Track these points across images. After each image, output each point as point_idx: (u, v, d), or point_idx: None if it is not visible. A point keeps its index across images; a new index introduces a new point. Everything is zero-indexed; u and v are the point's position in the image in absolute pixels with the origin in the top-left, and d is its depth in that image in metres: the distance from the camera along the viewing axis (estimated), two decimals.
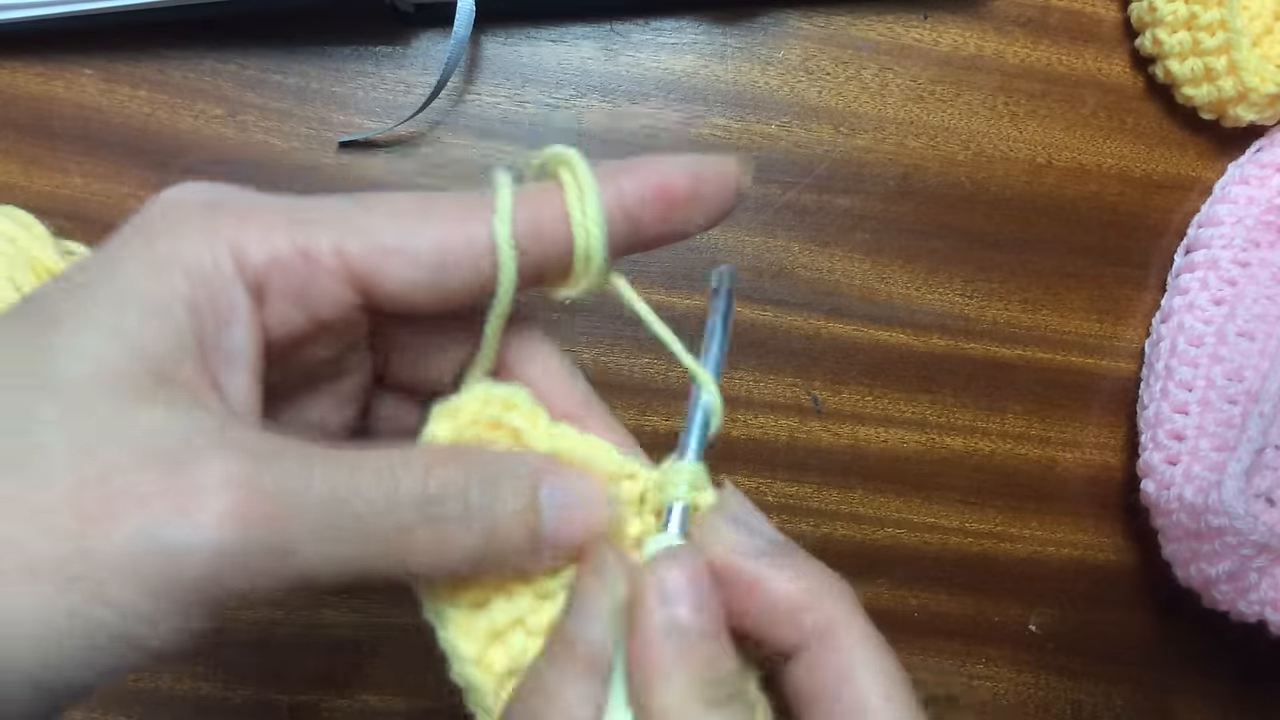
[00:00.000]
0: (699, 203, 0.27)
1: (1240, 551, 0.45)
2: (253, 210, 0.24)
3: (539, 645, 0.26)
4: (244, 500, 0.21)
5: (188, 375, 0.23)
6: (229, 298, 0.23)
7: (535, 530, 0.25)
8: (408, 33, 0.47)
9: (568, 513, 0.26)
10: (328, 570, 0.22)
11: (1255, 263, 0.49)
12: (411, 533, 0.23)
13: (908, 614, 0.51)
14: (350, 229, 0.24)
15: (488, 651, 0.26)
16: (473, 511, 0.24)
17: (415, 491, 0.24)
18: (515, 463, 0.26)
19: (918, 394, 0.51)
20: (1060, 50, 0.51)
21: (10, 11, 0.43)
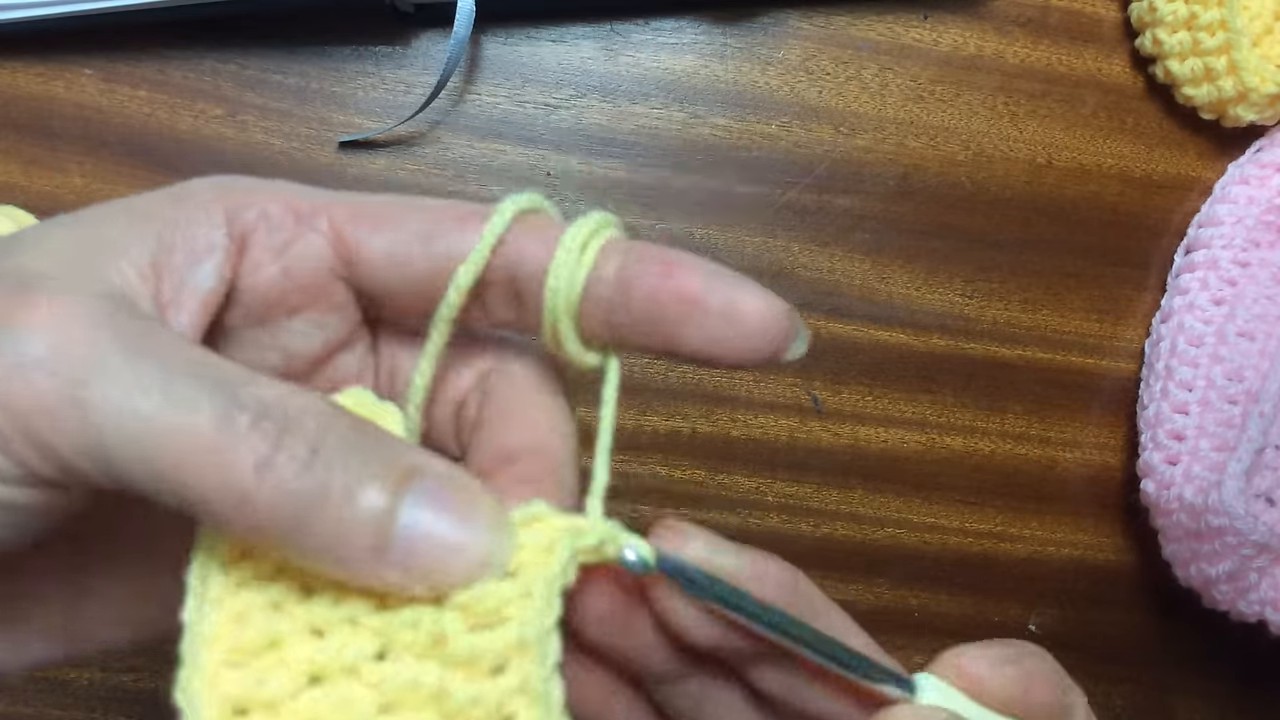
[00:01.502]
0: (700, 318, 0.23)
1: (1240, 551, 0.45)
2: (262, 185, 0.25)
3: (285, 684, 0.20)
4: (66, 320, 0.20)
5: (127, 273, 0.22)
6: (208, 240, 0.23)
7: (386, 530, 0.20)
8: (408, 33, 0.47)
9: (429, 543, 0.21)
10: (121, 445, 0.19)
11: (1255, 263, 0.49)
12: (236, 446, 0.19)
13: (908, 614, 0.51)
14: (348, 200, 0.24)
15: (223, 671, 0.20)
16: (321, 462, 0.20)
17: (261, 398, 0.20)
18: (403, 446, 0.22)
19: (918, 394, 0.51)
20: (1060, 50, 0.51)
21: (10, 11, 0.43)
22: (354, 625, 0.21)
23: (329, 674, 0.21)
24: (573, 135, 0.48)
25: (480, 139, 0.48)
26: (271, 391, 0.20)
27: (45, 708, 0.45)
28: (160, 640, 0.21)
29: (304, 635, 0.21)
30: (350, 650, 0.21)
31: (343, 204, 0.24)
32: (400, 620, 0.21)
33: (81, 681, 0.46)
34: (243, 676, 0.20)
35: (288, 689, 0.21)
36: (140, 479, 0.20)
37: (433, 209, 0.24)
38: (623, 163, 0.48)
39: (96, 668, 0.46)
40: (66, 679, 0.45)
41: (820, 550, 0.50)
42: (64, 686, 0.45)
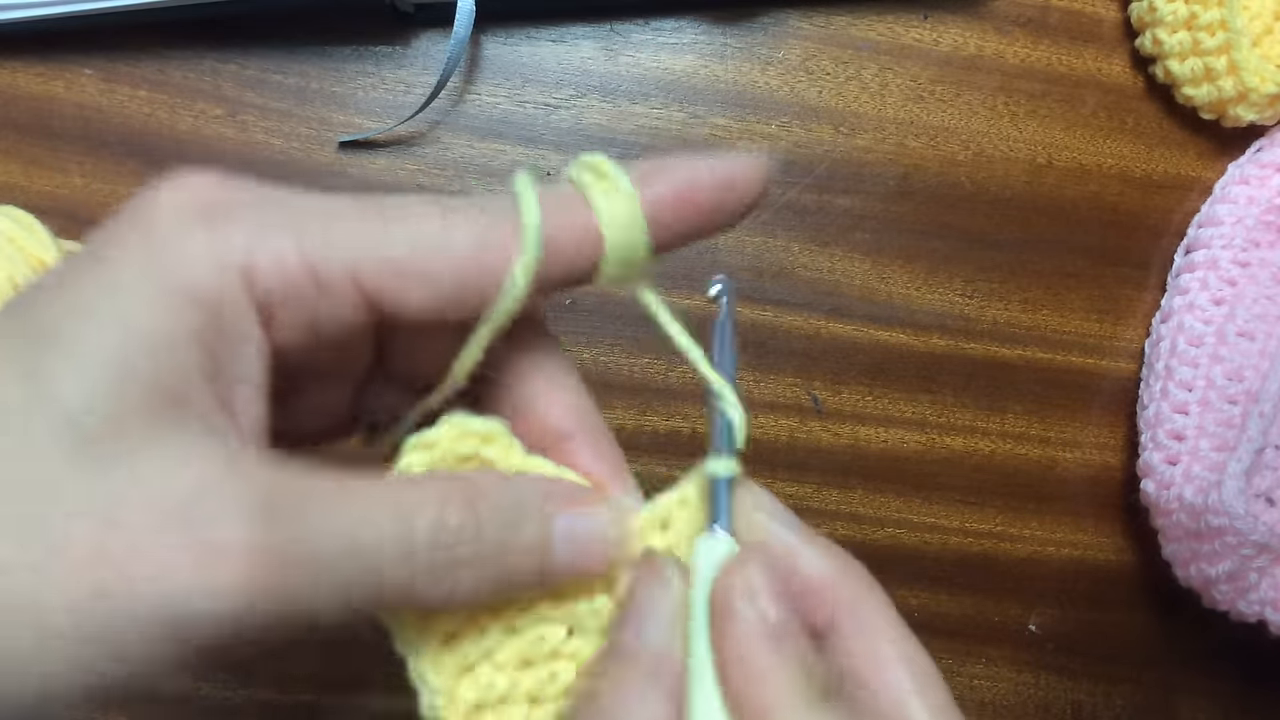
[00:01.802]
0: (724, 206, 0.26)
1: (1240, 551, 0.45)
2: (259, 218, 0.23)
3: (506, 681, 0.26)
4: (261, 563, 0.21)
5: (197, 405, 0.22)
6: (240, 325, 0.23)
7: (546, 566, 0.25)
8: (408, 33, 0.47)
9: (581, 549, 0.26)
10: (340, 614, 0.23)
11: (1255, 263, 0.49)
12: (424, 576, 0.23)
13: (908, 614, 0.51)
14: (366, 246, 0.23)
15: (457, 685, 0.26)
16: (485, 551, 0.24)
17: (428, 535, 0.23)
18: (527, 494, 0.25)
19: (918, 394, 0.51)
20: (1060, 50, 0.51)
21: (10, 11, 0.43)
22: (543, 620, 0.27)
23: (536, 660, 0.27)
24: (573, 135, 0.48)
25: (480, 139, 0.48)
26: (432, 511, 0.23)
27: None
28: None
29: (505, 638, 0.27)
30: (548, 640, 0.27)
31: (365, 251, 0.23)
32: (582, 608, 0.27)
33: None
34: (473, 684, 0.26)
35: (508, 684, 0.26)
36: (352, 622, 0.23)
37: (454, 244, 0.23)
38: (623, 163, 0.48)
39: None
40: None
41: None
42: None
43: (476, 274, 0.24)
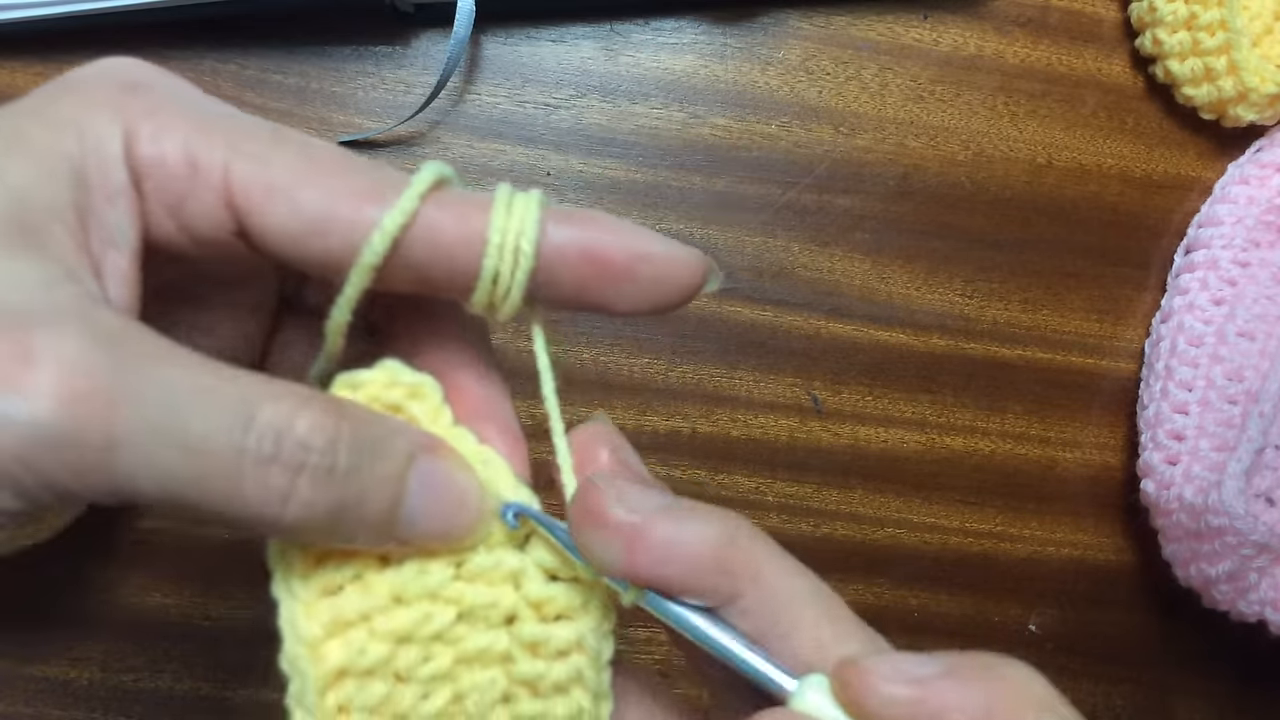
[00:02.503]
0: (631, 284, 0.24)
1: (1240, 551, 0.45)
2: (166, 101, 0.23)
3: (381, 651, 0.24)
4: (71, 381, 0.19)
5: (60, 235, 0.21)
6: (113, 175, 0.22)
7: (395, 507, 0.23)
8: (408, 33, 0.47)
9: (435, 501, 0.24)
10: (152, 484, 0.20)
11: (1255, 263, 0.49)
12: (255, 470, 0.21)
13: (908, 614, 0.51)
14: (249, 152, 0.23)
15: (326, 642, 0.24)
16: (333, 469, 0.22)
17: (272, 426, 0.21)
18: (396, 428, 0.24)
19: (918, 394, 0.51)
20: (1060, 50, 0.51)
21: (10, 11, 0.43)
22: (434, 597, 0.25)
23: (416, 639, 0.25)
24: (573, 135, 0.48)
25: (480, 139, 0.48)
26: (284, 410, 0.22)
27: (45, 707, 0.45)
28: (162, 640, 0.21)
29: (390, 606, 0.25)
30: (435, 621, 0.25)
31: (243, 157, 0.23)
32: (479, 597, 0.25)
33: (81, 681, 0.46)
34: (342, 646, 0.24)
35: (382, 654, 0.24)
36: (172, 508, 0.21)
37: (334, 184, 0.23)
38: (623, 163, 0.48)
39: (96, 667, 0.46)
40: (67, 679, 0.45)
41: (820, 550, 0.50)
42: (64, 686, 0.45)
43: (342, 217, 0.23)
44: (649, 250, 0.24)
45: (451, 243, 0.23)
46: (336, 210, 0.23)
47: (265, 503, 0.21)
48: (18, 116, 0.23)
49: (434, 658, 0.25)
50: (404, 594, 0.25)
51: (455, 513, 0.24)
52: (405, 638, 0.24)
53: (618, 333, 0.48)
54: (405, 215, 0.23)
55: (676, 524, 0.24)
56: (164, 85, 0.24)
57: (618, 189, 0.48)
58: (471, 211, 0.23)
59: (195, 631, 0.46)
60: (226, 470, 0.21)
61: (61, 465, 0.20)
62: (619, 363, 0.49)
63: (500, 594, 0.25)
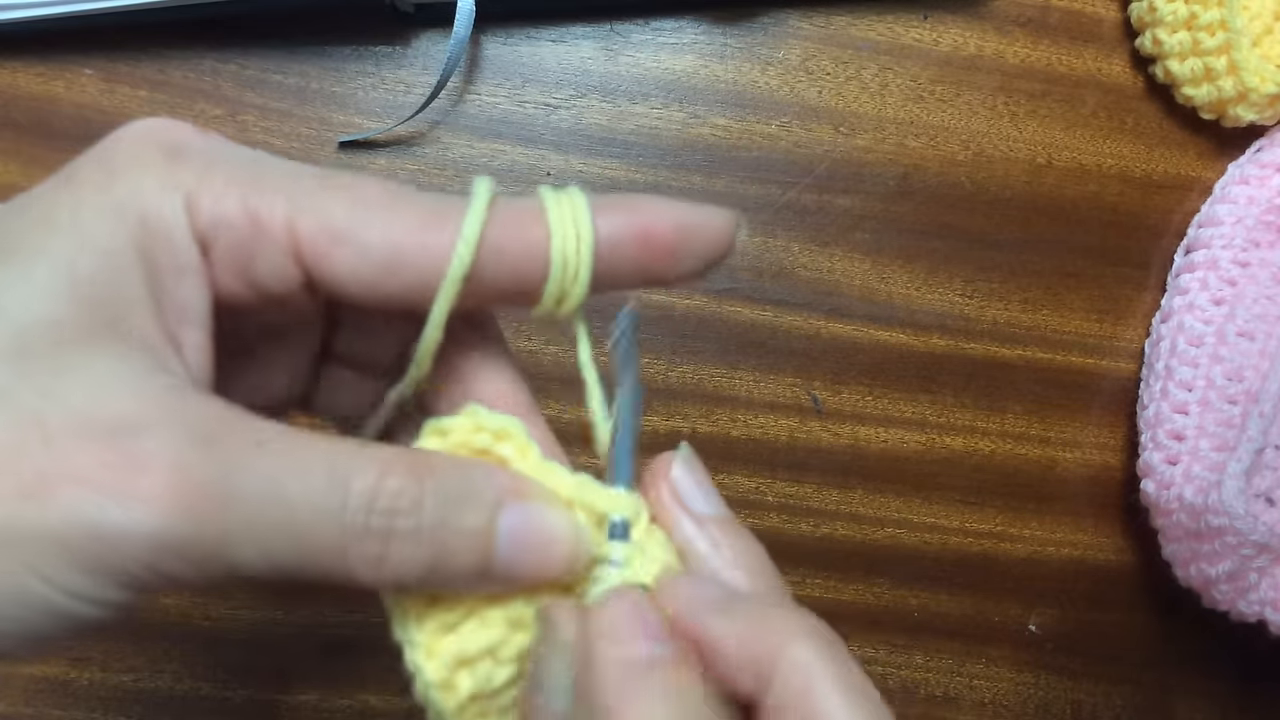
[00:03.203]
0: (682, 255, 0.25)
1: (1240, 551, 0.45)
2: (215, 161, 0.23)
3: (508, 673, 0.25)
4: (184, 487, 0.20)
5: (141, 326, 0.22)
6: (182, 250, 0.22)
7: (486, 557, 0.24)
8: (408, 33, 0.47)
9: (524, 545, 0.24)
10: (263, 565, 0.21)
11: (1255, 263, 0.49)
12: (355, 540, 0.22)
13: (908, 614, 0.51)
14: (307, 204, 0.23)
15: (454, 676, 0.25)
16: (423, 528, 0.23)
17: (364, 497, 0.22)
18: (480, 479, 0.24)
19: (918, 394, 0.51)
20: (1060, 50, 0.51)
21: (10, 11, 0.43)
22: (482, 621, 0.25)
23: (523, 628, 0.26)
24: (573, 135, 0.48)
25: (480, 139, 0.48)
26: (371, 479, 0.22)
27: (45, 708, 0.45)
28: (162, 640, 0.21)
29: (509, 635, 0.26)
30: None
31: (304, 209, 0.23)
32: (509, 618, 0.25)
33: (82, 681, 0.46)
34: (471, 677, 0.25)
35: (510, 675, 0.26)
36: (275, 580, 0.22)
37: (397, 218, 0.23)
38: (623, 163, 0.48)
39: (96, 668, 0.46)
40: (67, 679, 0.45)
41: (820, 550, 0.50)
42: (64, 686, 0.45)
43: (410, 251, 0.23)
44: (691, 221, 0.25)
45: (517, 253, 0.24)
46: (403, 246, 0.23)
47: (366, 570, 0.22)
48: (74, 201, 0.22)
49: None
50: (520, 620, 0.26)
51: (547, 554, 0.25)
52: (527, 655, 0.26)
53: None
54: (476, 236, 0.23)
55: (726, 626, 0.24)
56: (203, 145, 0.24)
57: (618, 189, 0.48)
58: (528, 220, 0.24)
59: (195, 631, 0.46)
60: (330, 545, 0.22)
61: (181, 564, 0.21)
62: None
63: None
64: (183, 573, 0.21)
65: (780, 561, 0.27)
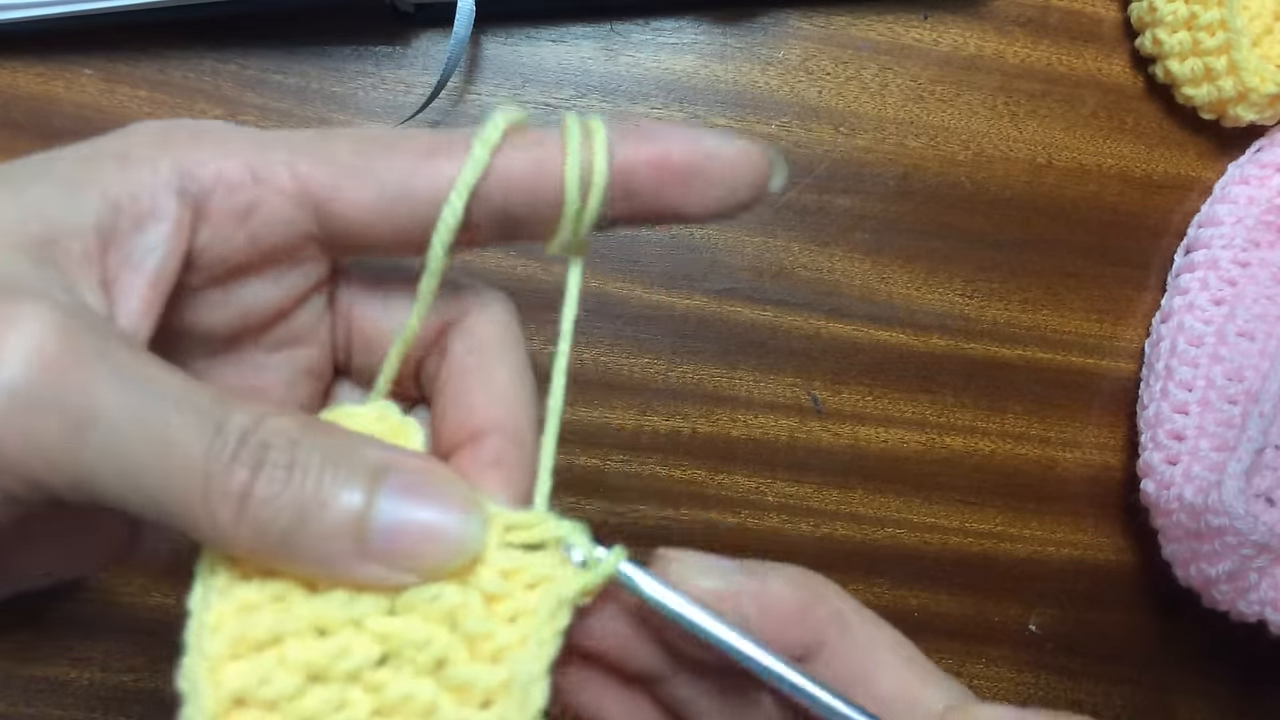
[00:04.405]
0: (701, 182, 0.24)
1: (1240, 551, 0.45)
2: (211, 132, 0.23)
3: (288, 684, 0.21)
4: (55, 347, 0.19)
5: (71, 249, 0.21)
6: (155, 201, 0.22)
7: (362, 521, 0.21)
8: (408, 33, 0.47)
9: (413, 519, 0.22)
10: (116, 477, 0.20)
11: (1255, 263, 0.49)
12: (220, 470, 0.20)
13: (908, 614, 0.51)
14: (309, 150, 0.23)
15: (229, 663, 0.22)
16: (298, 475, 0.21)
17: (240, 427, 0.21)
18: (370, 446, 0.22)
19: (918, 394, 0.51)
20: (1060, 50, 0.51)
21: (10, 11, 0.43)
22: (359, 628, 0.22)
23: (330, 676, 0.22)
24: None
25: None
26: (253, 413, 0.21)
27: (45, 707, 0.45)
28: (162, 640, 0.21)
29: (308, 634, 0.22)
30: (356, 656, 0.22)
31: (305, 155, 0.23)
32: (409, 634, 0.22)
33: (81, 681, 0.46)
34: (245, 670, 0.22)
35: (289, 688, 0.22)
36: (130, 506, 0.20)
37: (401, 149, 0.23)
38: None
39: (97, 668, 0.46)
40: (67, 679, 0.45)
41: (820, 550, 0.50)
42: (64, 686, 0.45)
43: (422, 175, 0.23)
44: (712, 147, 0.24)
45: (531, 189, 0.23)
46: (414, 172, 0.23)
47: (224, 504, 0.20)
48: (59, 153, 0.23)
49: (349, 706, 0.22)
50: (327, 624, 0.22)
51: (439, 535, 0.22)
52: (319, 675, 0.22)
53: (618, 333, 0.48)
54: (486, 153, 0.23)
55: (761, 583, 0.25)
56: (203, 123, 0.24)
57: None
58: (544, 146, 0.24)
59: None
60: (193, 469, 0.20)
61: (30, 438, 0.19)
62: (619, 363, 0.49)
63: (434, 634, 0.22)
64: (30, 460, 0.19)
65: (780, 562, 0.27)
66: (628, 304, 0.48)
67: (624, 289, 0.48)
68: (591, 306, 0.48)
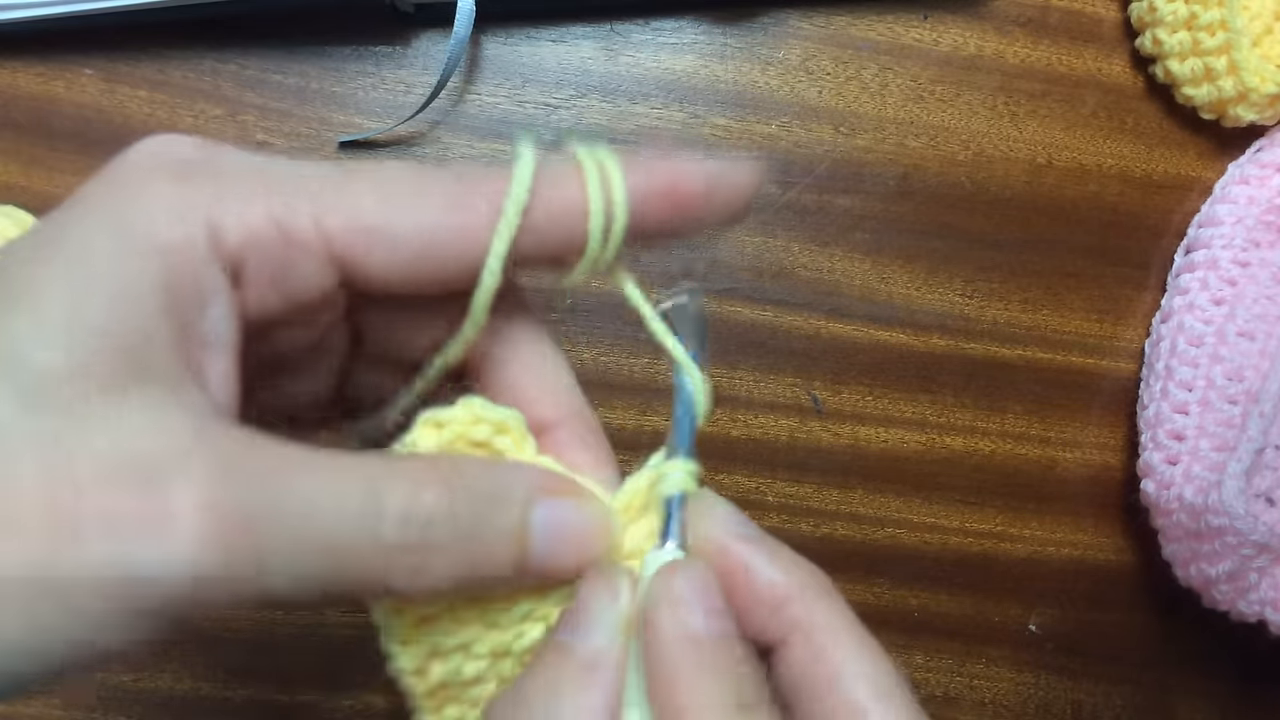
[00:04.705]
0: (709, 206, 0.26)
1: (1240, 551, 0.45)
2: (230, 177, 0.23)
3: (478, 667, 0.26)
4: (217, 524, 0.20)
5: (164, 364, 0.21)
6: (206, 279, 0.22)
7: (523, 555, 0.24)
8: (408, 33, 0.47)
9: (560, 540, 0.25)
10: (300, 589, 0.22)
11: (1255, 263, 0.49)
12: (393, 556, 0.22)
13: (908, 614, 0.51)
14: (333, 202, 0.23)
15: (427, 664, 0.26)
16: (460, 535, 0.23)
17: (399, 512, 0.22)
18: (509, 480, 0.25)
19: (918, 394, 0.51)
20: (1060, 50, 0.51)
21: (10, 11, 0.43)
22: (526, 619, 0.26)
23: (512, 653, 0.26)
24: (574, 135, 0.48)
25: (480, 139, 0.48)
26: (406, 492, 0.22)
27: (46, 708, 0.45)
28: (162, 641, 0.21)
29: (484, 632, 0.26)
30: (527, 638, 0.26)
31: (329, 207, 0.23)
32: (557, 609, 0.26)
33: (82, 682, 0.46)
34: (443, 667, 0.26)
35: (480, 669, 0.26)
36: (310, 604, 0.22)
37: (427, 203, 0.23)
38: None
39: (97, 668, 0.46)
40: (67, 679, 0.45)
41: (820, 550, 0.50)
42: (64, 687, 0.45)
43: (445, 235, 0.23)
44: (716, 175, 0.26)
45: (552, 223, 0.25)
46: (437, 231, 0.23)
47: (404, 581, 0.23)
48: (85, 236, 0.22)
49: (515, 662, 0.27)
50: (496, 621, 0.26)
51: (582, 547, 0.25)
52: (502, 654, 0.26)
53: (618, 333, 0.48)
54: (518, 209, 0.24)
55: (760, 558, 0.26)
56: (213, 159, 0.23)
57: None
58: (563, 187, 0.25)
59: (196, 631, 0.46)
60: (368, 563, 0.22)
61: (219, 596, 0.21)
62: (619, 363, 0.49)
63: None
64: (218, 603, 0.21)
65: None
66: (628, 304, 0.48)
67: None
68: (591, 306, 0.48)
